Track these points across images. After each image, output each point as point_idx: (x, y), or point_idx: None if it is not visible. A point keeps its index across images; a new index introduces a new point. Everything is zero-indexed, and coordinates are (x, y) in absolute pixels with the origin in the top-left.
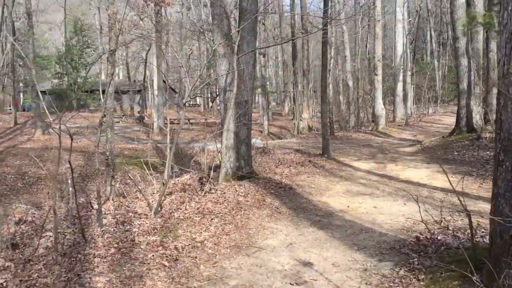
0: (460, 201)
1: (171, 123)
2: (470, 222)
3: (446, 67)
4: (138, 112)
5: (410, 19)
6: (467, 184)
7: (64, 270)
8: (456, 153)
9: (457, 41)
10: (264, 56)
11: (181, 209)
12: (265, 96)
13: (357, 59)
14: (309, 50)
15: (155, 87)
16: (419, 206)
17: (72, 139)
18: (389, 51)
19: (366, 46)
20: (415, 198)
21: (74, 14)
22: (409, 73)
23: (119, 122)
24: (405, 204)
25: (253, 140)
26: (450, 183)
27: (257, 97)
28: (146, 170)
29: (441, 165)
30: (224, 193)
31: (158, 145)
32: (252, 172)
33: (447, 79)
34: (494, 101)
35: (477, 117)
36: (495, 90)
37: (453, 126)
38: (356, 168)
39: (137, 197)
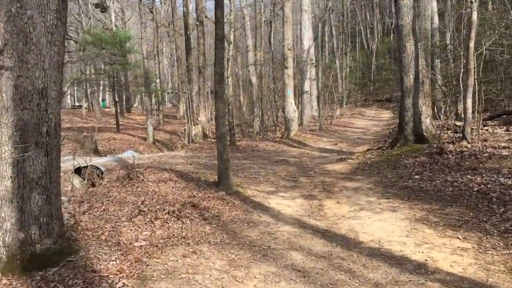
0: None
1: None
2: None
3: (348, 68)
4: None
5: (312, 14)
6: (501, 260)
7: None
8: (416, 176)
9: (400, 17)
10: (103, 10)
11: None
12: (149, 95)
13: (259, 53)
14: (205, 45)
15: None
16: None
17: None
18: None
19: (270, 39)
20: None
21: None
22: (314, 70)
23: None
24: None
25: (126, 154)
26: None
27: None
28: None
29: (410, 200)
30: None
31: None
32: (61, 250)
33: (350, 79)
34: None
35: (427, 122)
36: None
37: (370, 130)
38: (276, 215)
39: None
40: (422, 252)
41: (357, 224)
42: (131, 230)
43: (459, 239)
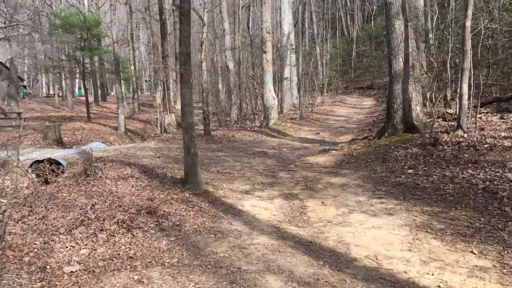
0: None
1: None
2: None
3: (329, 54)
4: None
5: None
6: None
7: None
8: (410, 170)
9: None
10: None
11: None
12: (120, 82)
13: (237, 37)
14: None
15: None
16: None
17: None
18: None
19: (248, 24)
20: None
21: None
22: (294, 56)
23: None
24: None
25: (90, 146)
26: None
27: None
28: None
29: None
30: None
31: None
32: None
33: (330, 66)
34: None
35: (417, 109)
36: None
37: (353, 118)
38: (251, 222)
39: None
40: (432, 274)
41: (348, 232)
42: (67, 247)
43: (474, 254)
